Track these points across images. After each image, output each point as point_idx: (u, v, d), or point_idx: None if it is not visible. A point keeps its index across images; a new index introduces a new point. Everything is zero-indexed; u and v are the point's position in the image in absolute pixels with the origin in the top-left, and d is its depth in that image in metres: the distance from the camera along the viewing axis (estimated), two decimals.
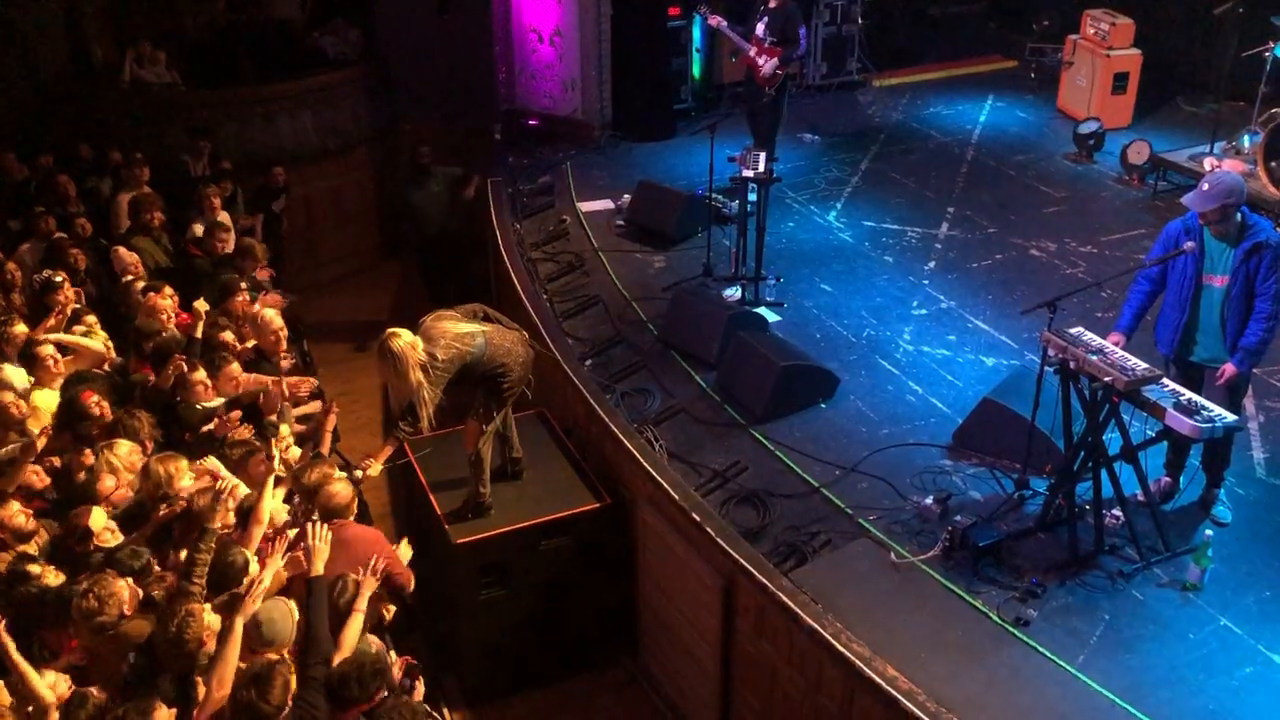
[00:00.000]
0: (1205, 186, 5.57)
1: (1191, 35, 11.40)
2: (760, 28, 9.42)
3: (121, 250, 8.12)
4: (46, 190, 8.95)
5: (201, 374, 6.29)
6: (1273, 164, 8.94)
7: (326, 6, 12.65)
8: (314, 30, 12.37)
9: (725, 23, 9.61)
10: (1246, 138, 9.56)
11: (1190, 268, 5.71)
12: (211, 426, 6.09)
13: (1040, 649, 5.16)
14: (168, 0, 11.75)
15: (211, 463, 5.60)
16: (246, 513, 5.29)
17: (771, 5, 9.38)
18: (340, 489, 5.41)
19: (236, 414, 6.16)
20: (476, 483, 6.62)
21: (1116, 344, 5.78)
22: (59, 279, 7.23)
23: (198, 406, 6.23)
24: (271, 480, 5.41)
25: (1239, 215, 5.60)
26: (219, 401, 6.31)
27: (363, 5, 12.29)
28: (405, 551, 5.60)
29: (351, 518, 5.44)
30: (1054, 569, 5.61)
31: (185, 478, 5.47)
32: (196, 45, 11.81)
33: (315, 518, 5.26)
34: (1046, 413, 5.94)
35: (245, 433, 6.09)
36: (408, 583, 5.38)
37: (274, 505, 5.45)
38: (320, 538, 4.97)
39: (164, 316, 7.04)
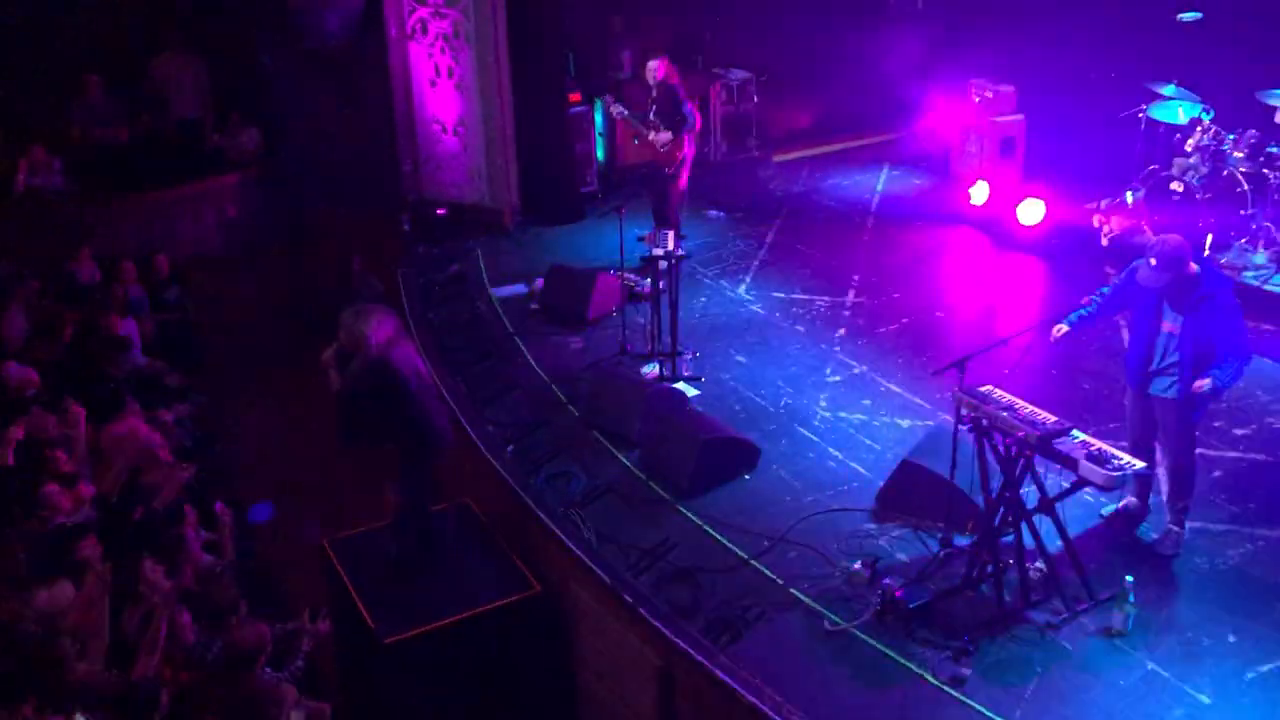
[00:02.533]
0: (1153, 261, 5.79)
1: (1072, 100, 11.95)
2: (651, 113, 9.66)
3: (13, 367, 7.86)
4: None
5: None
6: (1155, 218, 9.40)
7: (227, 104, 12.60)
8: (215, 129, 12.31)
9: (625, 110, 9.85)
10: (1129, 194, 9.99)
11: (1150, 311, 5.96)
12: None
13: (978, 707, 5.19)
14: (62, 106, 11.56)
15: None
16: None
17: (654, 94, 9.64)
18: None
19: None
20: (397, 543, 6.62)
21: (1057, 331, 6.07)
22: None
23: None
24: None
25: (1191, 266, 5.82)
26: None
27: (263, 102, 12.27)
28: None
29: None
30: (984, 625, 5.67)
31: None
32: (95, 150, 11.63)
33: None
34: (965, 471, 6.06)
35: None
36: None
37: None
38: None
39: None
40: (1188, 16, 10.13)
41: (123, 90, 11.98)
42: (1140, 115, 10.13)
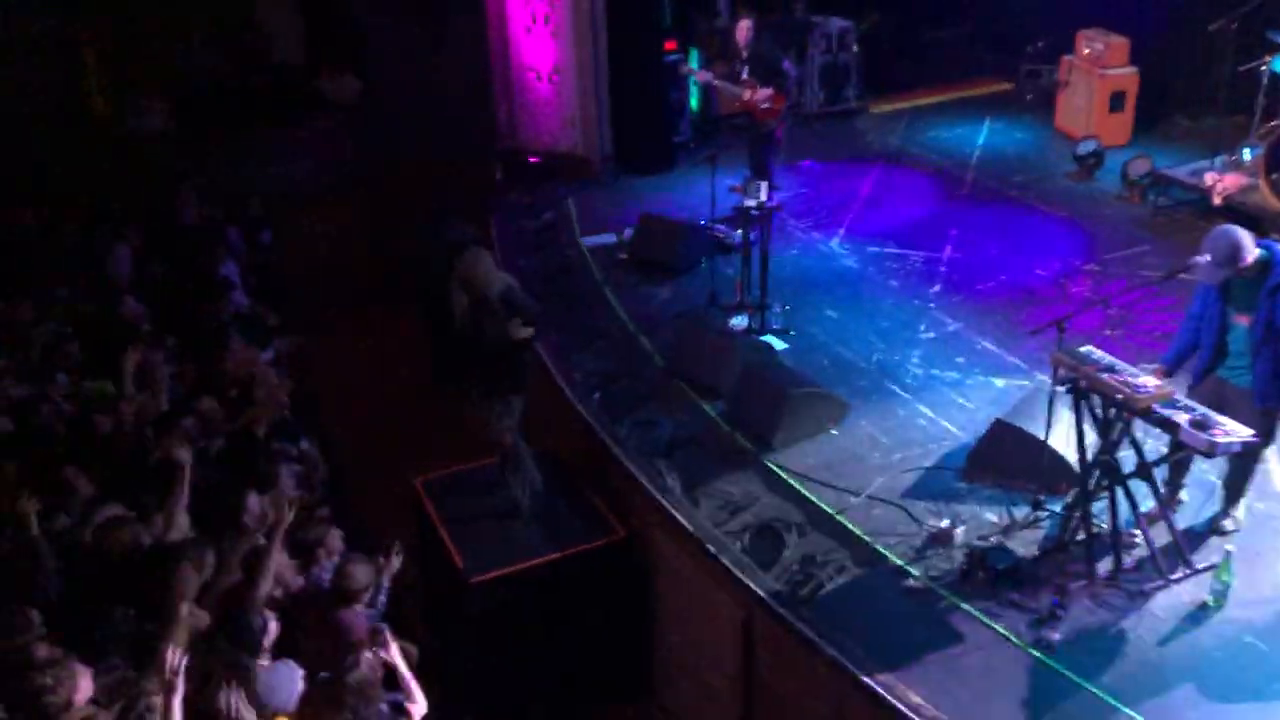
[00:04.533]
0: (1207, 258, 5.48)
1: (1188, 51, 11.43)
2: (744, 73, 9.50)
3: (128, 301, 8.15)
4: (49, 242, 9.01)
5: None
6: (1274, 176, 8.94)
7: (325, 50, 12.75)
8: (313, 74, 12.48)
9: (712, 77, 9.73)
10: (1247, 151, 9.56)
11: (1216, 307, 5.66)
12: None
13: (1064, 671, 5.10)
14: (167, 50, 11.83)
15: None
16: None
17: (744, 55, 9.46)
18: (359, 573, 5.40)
19: None
20: (516, 486, 6.79)
21: (1157, 374, 5.71)
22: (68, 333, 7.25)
23: None
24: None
25: (1260, 252, 5.50)
26: None
27: (360, 48, 12.39)
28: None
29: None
30: (1073, 590, 5.55)
31: None
32: (197, 93, 11.90)
33: None
34: (1059, 433, 5.90)
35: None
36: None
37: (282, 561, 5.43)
38: None
39: None
40: None
41: (226, 35, 12.22)
42: (1262, 69, 9.63)
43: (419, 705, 4.97)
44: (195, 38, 11.78)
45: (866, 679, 5.10)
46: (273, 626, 4.94)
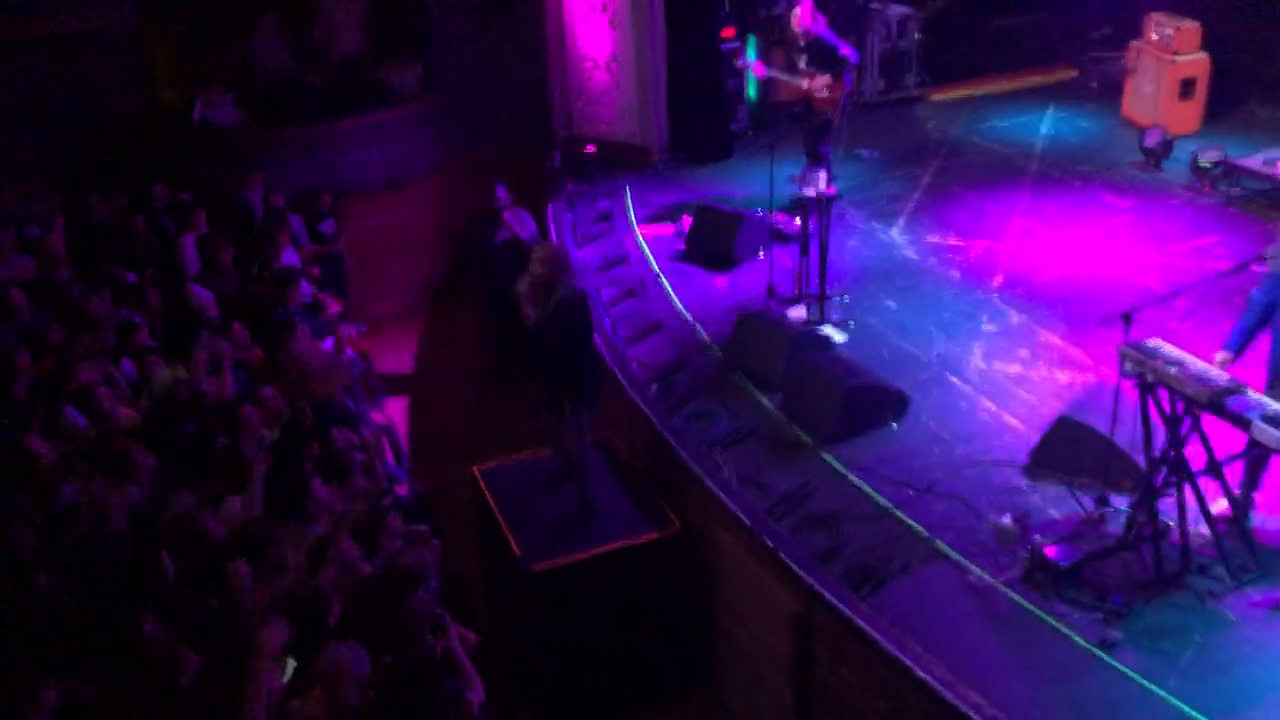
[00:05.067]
0: (1271, 251, 5.35)
1: (1262, 36, 11.11)
2: (803, 62, 9.37)
3: (196, 289, 8.29)
4: (121, 231, 9.19)
5: None
6: None
7: (388, 42, 12.86)
8: (377, 65, 12.59)
9: (769, 69, 9.64)
10: None
11: None
12: None
13: (1128, 672, 5.02)
14: (235, 43, 12.00)
15: None
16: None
17: (801, 43, 9.32)
18: None
19: None
20: (582, 486, 6.83)
21: (1223, 362, 5.60)
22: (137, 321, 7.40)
23: None
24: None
25: None
26: None
27: (422, 39, 12.47)
28: None
29: None
30: (1139, 589, 5.46)
31: None
32: (264, 85, 12.06)
33: None
34: (1125, 428, 5.79)
35: None
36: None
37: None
38: None
39: None
40: None
41: (293, 27, 12.36)
42: None
43: (477, 692, 5.02)
44: (262, 31, 11.92)
45: (925, 675, 5.06)
46: (335, 609, 5.02)
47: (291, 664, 4.83)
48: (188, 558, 5.26)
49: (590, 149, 11.81)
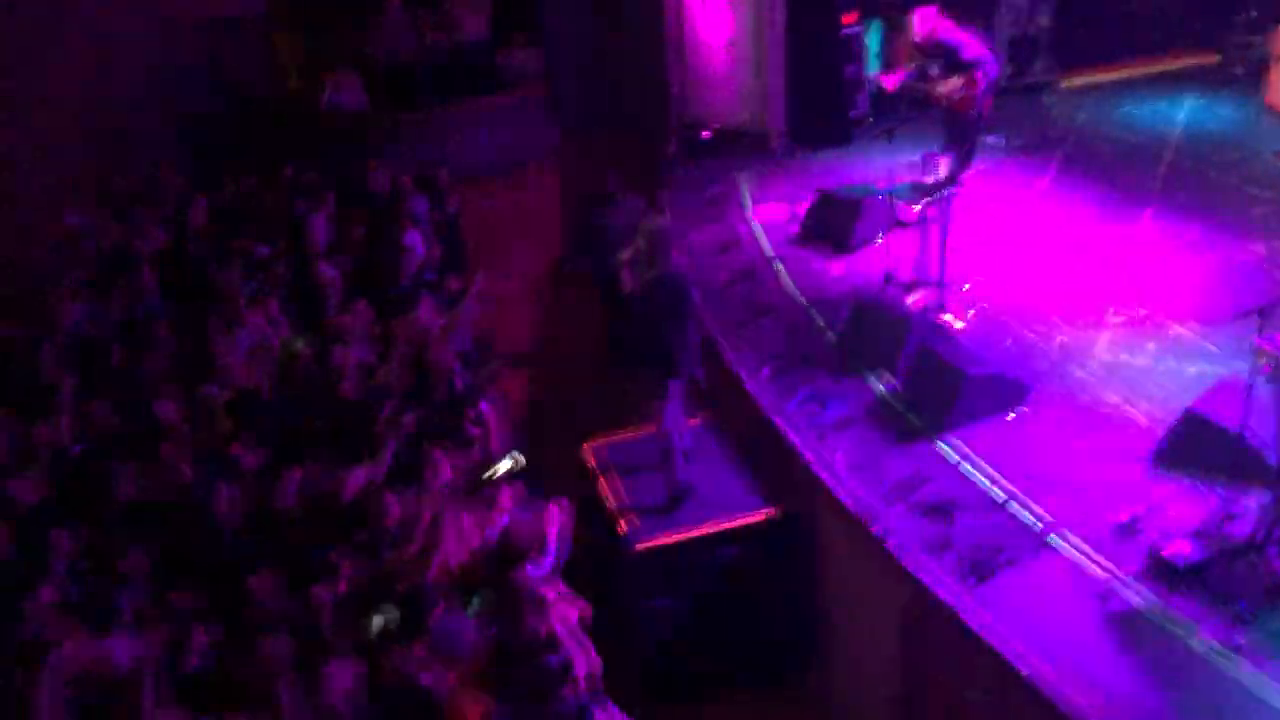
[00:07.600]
0: None
1: None
2: (934, 69, 9.09)
3: (323, 266, 8.58)
4: (253, 209, 9.57)
5: None
6: None
7: (507, 27, 13.08)
8: (497, 50, 12.82)
9: (899, 80, 9.35)
10: None
11: None
12: None
13: (1249, 678, 4.82)
14: (364, 29, 12.35)
15: None
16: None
17: (928, 50, 8.94)
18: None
19: None
20: (670, 464, 6.83)
21: None
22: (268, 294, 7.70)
23: None
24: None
25: None
26: None
27: (539, 24, 12.64)
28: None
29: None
30: (1265, 593, 5.23)
31: None
32: (389, 69, 12.39)
33: None
34: (1257, 425, 5.57)
35: None
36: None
37: None
38: None
39: None
40: None
41: (417, 13, 12.67)
42: None
43: (584, 665, 5.11)
44: (389, 15, 12.25)
45: (1030, 674, 4.95)
46: (446, 580, 5.16)
47: (393, 615, 4.99)
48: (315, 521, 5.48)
49: (706, 134, 11.79)
